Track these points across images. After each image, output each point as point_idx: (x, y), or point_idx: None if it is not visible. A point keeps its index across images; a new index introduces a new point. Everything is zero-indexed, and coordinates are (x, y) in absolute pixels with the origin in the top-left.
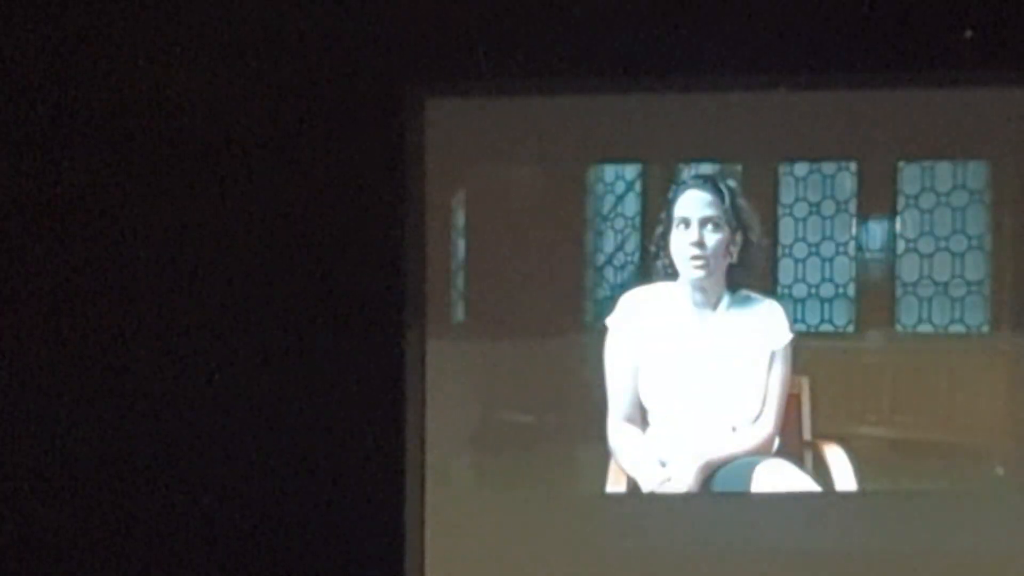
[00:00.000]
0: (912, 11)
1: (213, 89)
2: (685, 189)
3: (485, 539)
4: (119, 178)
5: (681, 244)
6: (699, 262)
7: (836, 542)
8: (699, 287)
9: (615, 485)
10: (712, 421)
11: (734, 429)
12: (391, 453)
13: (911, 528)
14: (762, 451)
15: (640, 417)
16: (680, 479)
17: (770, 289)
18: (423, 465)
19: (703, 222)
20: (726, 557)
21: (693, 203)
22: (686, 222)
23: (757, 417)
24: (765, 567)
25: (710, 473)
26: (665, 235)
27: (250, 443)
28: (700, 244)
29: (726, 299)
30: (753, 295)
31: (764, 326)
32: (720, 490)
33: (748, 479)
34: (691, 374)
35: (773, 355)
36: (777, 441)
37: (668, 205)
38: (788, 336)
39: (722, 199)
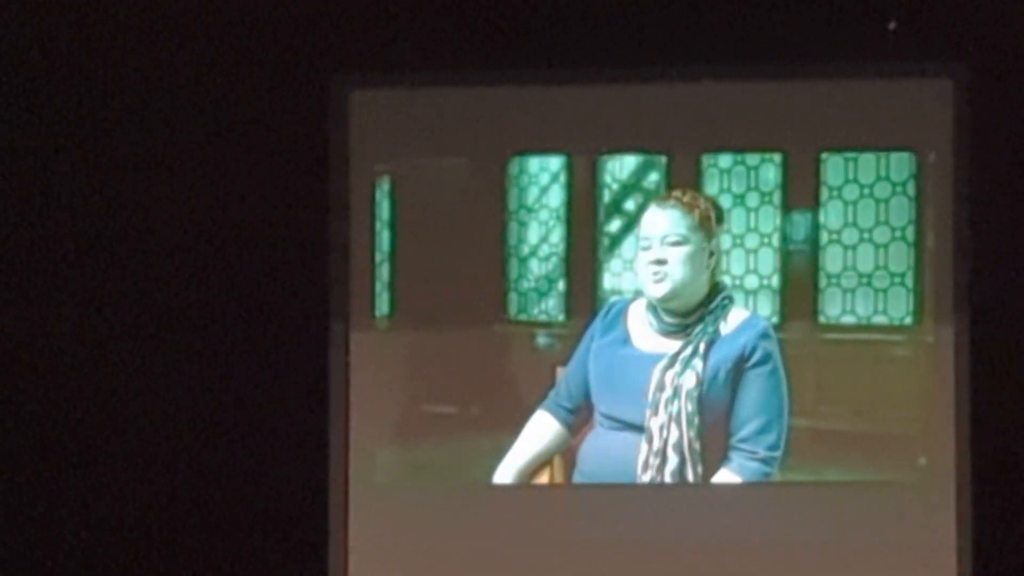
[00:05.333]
0: (836, 2)
1: (137, 78)
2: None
3: (408, 528)
4: (41, 165)
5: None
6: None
7: (760, 532)
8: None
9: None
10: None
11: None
12: (315, 444)
13: (835, 518)
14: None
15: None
16: None
17: None
18: (347, 456)
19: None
20: (651, 547)
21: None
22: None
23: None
24: (689, 557)
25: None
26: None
27: (175, 436)
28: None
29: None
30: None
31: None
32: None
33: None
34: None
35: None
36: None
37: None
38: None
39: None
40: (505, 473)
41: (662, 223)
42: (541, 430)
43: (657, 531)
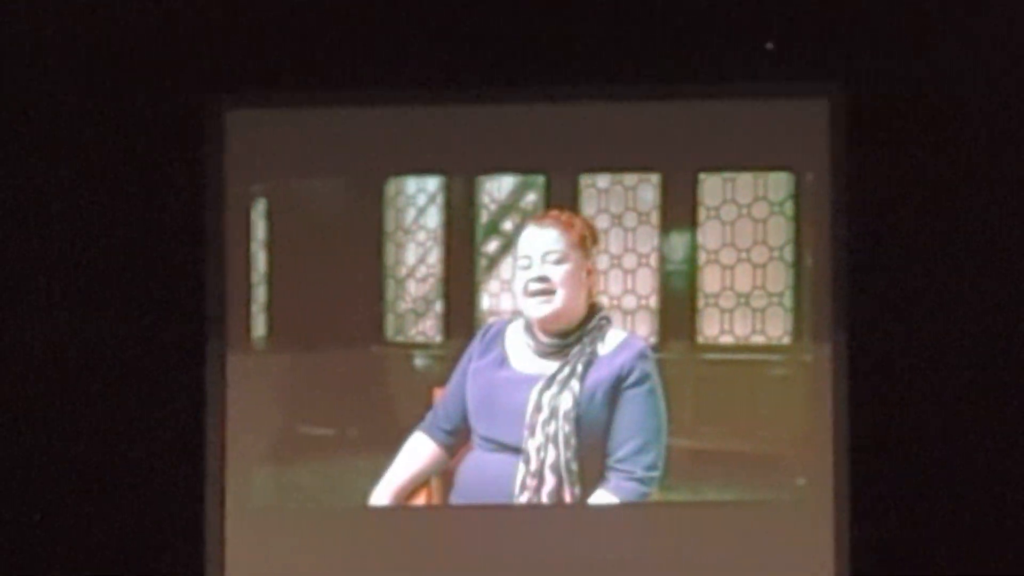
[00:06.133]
0: (713, 24)
1: (9, 99)
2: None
3: (285, 550)
4: None
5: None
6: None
7: (637, 553)
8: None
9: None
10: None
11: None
12: (192, 466)
13: (713, 538)
14: None
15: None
16: None
17: None
18: (223, 479)
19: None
20: (528, 568)
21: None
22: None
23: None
24: None
25: None
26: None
27: (50, 455)
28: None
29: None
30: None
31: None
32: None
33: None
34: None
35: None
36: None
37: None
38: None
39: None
40: (381, 494)
41: (541, 241)
42: (418, 451)
43: (534, 552)
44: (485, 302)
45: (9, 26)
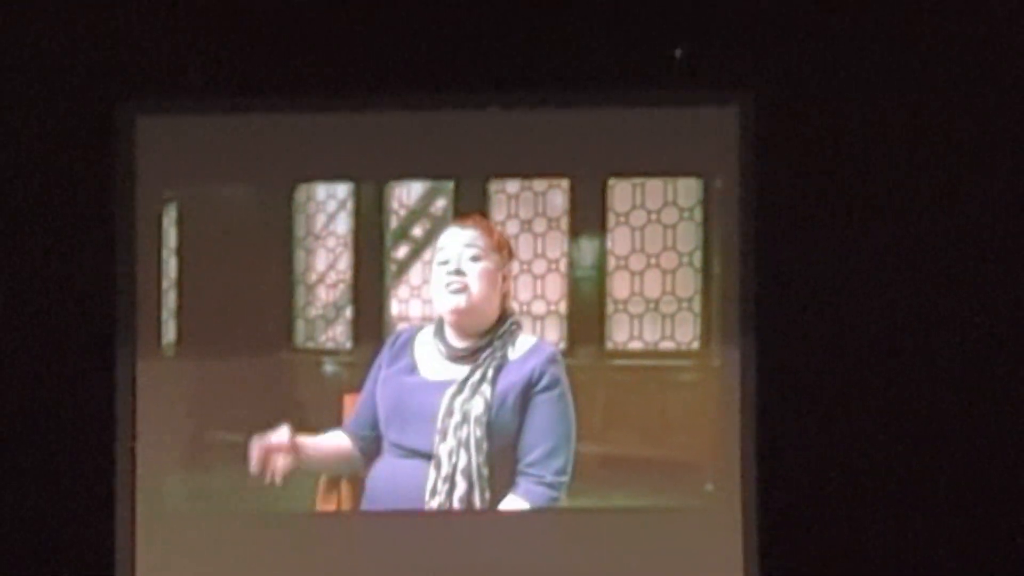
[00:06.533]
0: (622, 30)
1: None
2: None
3: (197, 557)
4: None
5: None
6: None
7: (547, 558)
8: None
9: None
10: None
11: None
12: (101, 473)
13: (622, 544)
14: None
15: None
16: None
17: None
18: (134, 485)
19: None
20: (439, 573)
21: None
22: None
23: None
24: None
25: None
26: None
27: None
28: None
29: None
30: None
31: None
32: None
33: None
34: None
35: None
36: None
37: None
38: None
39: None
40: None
41: (463, 239)
42: (334, 438)
43: (445, 558)
44: (394, 307)
45: None
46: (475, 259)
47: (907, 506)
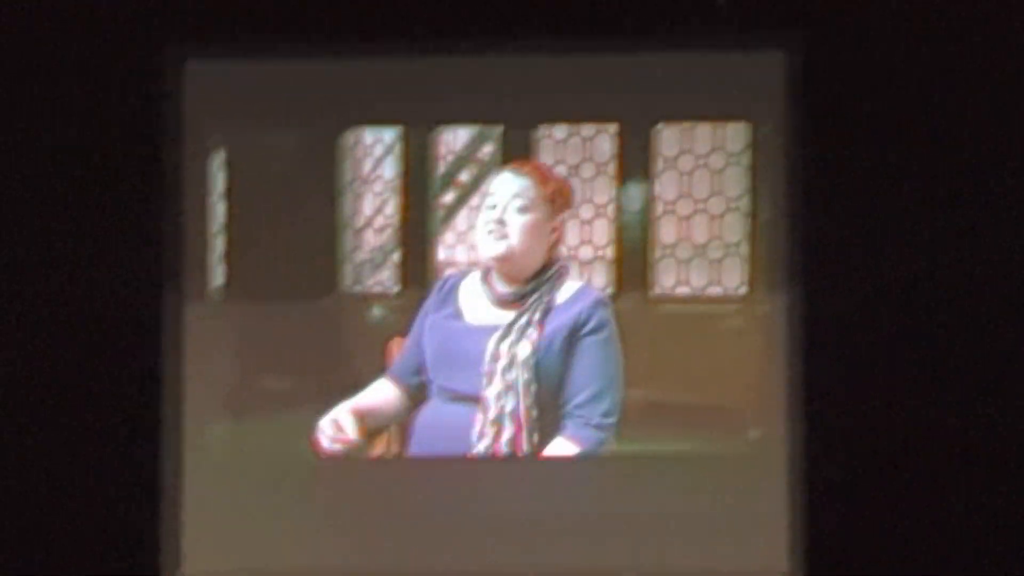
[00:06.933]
0: None
1: None
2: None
3: (243, 502)
4: None
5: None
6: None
7: (593, 503)
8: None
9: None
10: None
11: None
12: (148, 418)
13: (666, 490)
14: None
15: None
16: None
17: None
18: (180, 430)
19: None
20: (487, 517)
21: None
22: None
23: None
24: (524, 527)
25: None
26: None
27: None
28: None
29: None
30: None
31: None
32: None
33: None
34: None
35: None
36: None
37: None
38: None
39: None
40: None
41: (513, 187)
42: (381, 389)
43: (492, 501)
44: (441, 253)
45: None
46: (522, 210)
47: (954, 455)
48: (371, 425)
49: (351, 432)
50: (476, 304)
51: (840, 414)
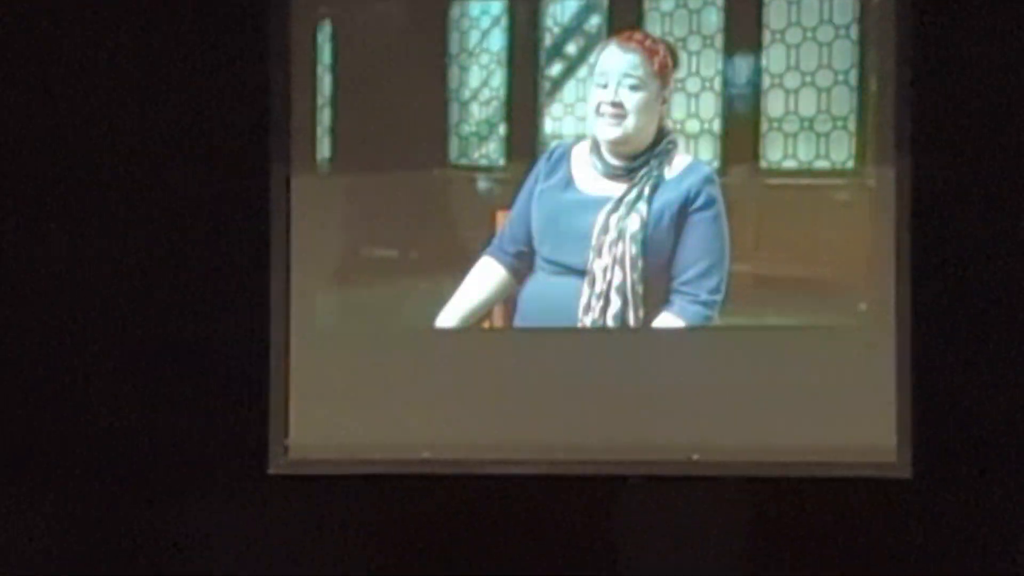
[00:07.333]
0: None
1: None
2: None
3: (349, 371)
4: None
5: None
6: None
7: (699, 376)
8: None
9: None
10: None
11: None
12: (256, 289)
13: (775, 363)
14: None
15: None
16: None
17: None
18: (288, 301)
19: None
20: (592, 389)
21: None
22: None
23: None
24: (629, 399)
25: None
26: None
27: (118, 286)
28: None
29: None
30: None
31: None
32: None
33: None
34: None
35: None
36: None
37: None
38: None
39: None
40: (450, 318)
41: (622, 64)
42: (485, 275)
43: (598, 374)
44: (548, 125)
45: None
46: (634, 88)
47: None
48: (478, 311)
49: None
50: (587, 174)
51: (949, 287)
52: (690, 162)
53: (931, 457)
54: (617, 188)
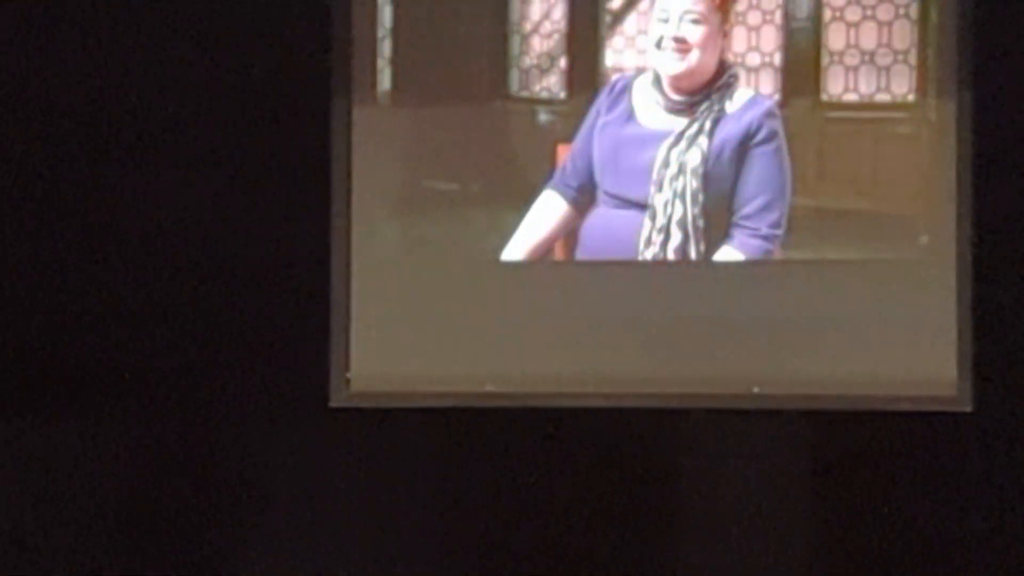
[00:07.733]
0: None
1: None
2: None
3: (410, 305)
4: None
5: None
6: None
7: (761, 309)
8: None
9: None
10: None
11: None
12: (318, 219)
13: (835, 296)
14: None
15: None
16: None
17: None
18: (349, 232)
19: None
20: (653, 323)
21: None
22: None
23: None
24: (691, 332)
25: None
26: None
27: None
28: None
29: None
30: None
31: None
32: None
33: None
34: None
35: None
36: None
37: None
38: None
39: None
40: (515, 252)
41: None
42: (548, 209)
43: (659, 307)
44: (609, 58)
45: None
46: (696, 22)
47: None
48: (543, 245)
49: None
50: (648, 107)
51: (1009, 219)
52: (751, 96)
53: (991, 391)
54: (678, 122)
